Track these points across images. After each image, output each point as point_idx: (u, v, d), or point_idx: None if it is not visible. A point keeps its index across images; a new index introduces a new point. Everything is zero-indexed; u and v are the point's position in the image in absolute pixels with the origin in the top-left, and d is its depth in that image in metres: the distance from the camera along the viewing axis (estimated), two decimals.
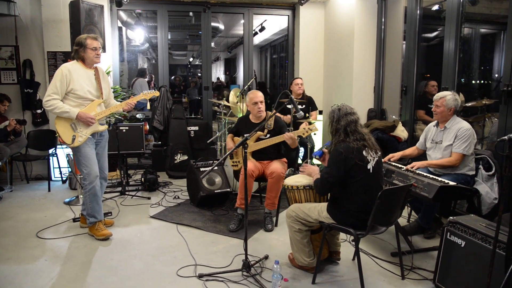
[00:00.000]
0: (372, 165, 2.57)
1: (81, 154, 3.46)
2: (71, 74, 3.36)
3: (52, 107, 3.31)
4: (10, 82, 5.57)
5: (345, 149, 2.53)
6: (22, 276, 2.85)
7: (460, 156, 3.28)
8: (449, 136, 3.37)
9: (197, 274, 2.85)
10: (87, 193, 3.49)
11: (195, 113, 11.16)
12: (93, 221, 3.54)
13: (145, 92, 3.82)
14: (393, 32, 5.57)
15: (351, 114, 2.63)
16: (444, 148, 3.39)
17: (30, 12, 5.50)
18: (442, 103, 3.39)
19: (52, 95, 3.31)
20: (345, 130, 2.60)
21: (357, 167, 2.52)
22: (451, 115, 3.42)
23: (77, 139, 3.42)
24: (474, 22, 6.83)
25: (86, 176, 3.46)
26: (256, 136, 3.81)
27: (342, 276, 2.90)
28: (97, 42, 3.47)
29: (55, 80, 3.33)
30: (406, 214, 3.95)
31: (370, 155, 2.57)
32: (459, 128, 3.33)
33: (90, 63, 3.50)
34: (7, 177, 5.19)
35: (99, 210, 3.57)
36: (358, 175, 2.53)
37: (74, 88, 3.37)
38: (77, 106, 3.42)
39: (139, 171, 5.93)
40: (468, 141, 3.27)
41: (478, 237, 2.41)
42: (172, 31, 10.93)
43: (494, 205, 3.28)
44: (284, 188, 3.06)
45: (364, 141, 2.58)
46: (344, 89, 5.86)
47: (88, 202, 3.51)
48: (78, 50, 3.44)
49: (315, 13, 6.52)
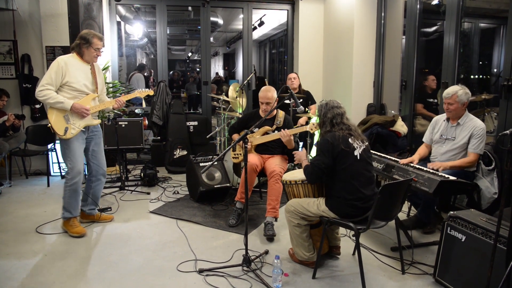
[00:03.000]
0: (359, 152, 2.66)
1: (68, 147, 3.41)
2: (68, 66, 3.32)
3: (46, 97, 3.25)
4: (8, 77, 5.53)
5: (331, 137, 2.67)
6: (22, 272, 2.84)
7: (478, 156, 3.28)
8: (463, 134, 3.33)
9: (198, 269, 2.85)
10: (68, 187, 3.45)
11: (194, 108, 11.14)
12: (68, 216, 3.50)
13: (140, 90, 3.81)
14: (393, 27, 5.55)
15: (337, 107, 2.78)
16: (459, 147, 3.34)
17: (28, 6, 5.45)
18: (455, 100, 3.32)
19: (46, 85, 3.26)
20: (331, 121, 2.75)
21: (344, 153, 2.62)
22: (464, 110, 3.37)
23: (69, 131, 3.37)
24: (473, 17, 6.82)
25: (69, 171, 3.42)
26: (263, 130, 3.82)
27: (343, 270, 2.91)
28: (101, 44, 3.46)
29: (50, 71, 3.28)
30: (405, 209, 3.96)
31: (356, 143, 2.69)
32: (474, 127, 3.28)
33: (88, 59, 3.47)
34: (6, 172, 5.17)
35: (76, 206, 3.52)
36: (346, 161, 2.63)
37: (69, 81, 3.34)
38: (72, 98, 3.37)
39: (138, 166, 5.92)
40: (484, 141, 3.26)
41: (478, 231, 2.41)
42: (171, 26, 10.88)
43: (494, 200, 3.29)
44: (283, 183, 3.06)
45: (349, 131, 2.71)
46: (344, 84, 5.85)
47: (67, 196, 3.47)
48: (81, 45, 3.40)
49: (315, 8, 6.49)
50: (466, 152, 3.34)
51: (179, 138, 5.87)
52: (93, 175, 3.69)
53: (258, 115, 4.00)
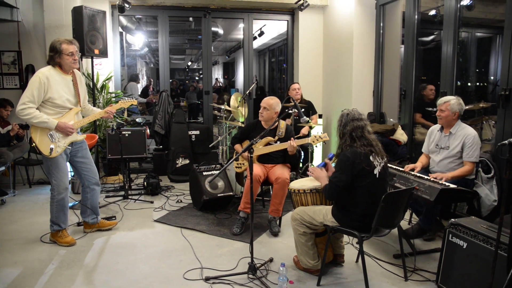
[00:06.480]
0: (378, 170, 2.62)
1: (52, 163, 3.35)
2: (49, 81, 3.20)
3: (29, 116, 3.14)
4: (12, 87, 5.61)
5: (353, 154, 2.58)
6: (29, 280, 2.87)
7: (474, 164, 3.34)
8: (456, 142, 3.40)
9: (204, 277, 2.89)
10: (55, 203, 3.42)
11: (194, 117, 11.21)
12: (57, 228, 3.50)
13: (123, 101, 3.76)
14: (391, 37, 5.65)
15: (358, 120, 2.68)
16: (453, 155, 3.41)
17: (33, 18, 5.55)
18: (446, 108, 3.41)
19: (28, 103, 3.14)
20: (350, 135, 2.66)
21: (364, 172, 2.57)
22: (456, 120, 3.44)
23: (54, 150, 3.30)
24: (470, 26, 6.95)
25: (55, 187, 3.38)
26: (266, 141, 3.89)
27: (346, 278, 2.95)
28: (73, 47, 3.30)
29: (31, 88, 3.14)
30: (407, 216, 4.01)
31: (377, 160, 2.63)
32: (466, 135, 3.35)
33: (67, 69, 3.34)
34: (10, 182, 5.21)
35: (65, 219, 3.51)
36: (365, 180, 2.58)
37: (52, 97, 3.23)
38: (55, 115, 3.30)
39: (141, 175, 5.97)
40: (478, 148, 3.32)
41: (479, 238, 2.46)
42: (172, 36, 10.98)
43: (494, 207, 3.35)
44: (290, 191, 3.10)
45: (371, 147, 2.63)
46: (344, 93, 5.93)
47: (55, 211, 3.45)
48: (54, 56, 3.27)
49: (314, 18, 6.59)
50: (461, 160, 3.40)
51: (181, 147, 5.93)
52: (86, 185, 3.67)
53: (259, 125, 4.07)
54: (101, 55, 5.12)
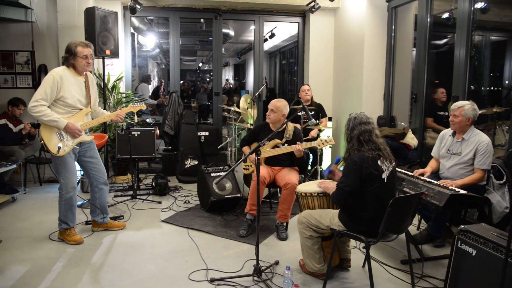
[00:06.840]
0: (386, 174, 2.59)
1: (60, 162, 3.39)
2: (63, 81, 3.26)
3: (40, 113, 3.19)
4: (25, 86, 5.70)
5: (360, 158, 2.55)
6: (37, 278, 2.90)
7: (485, 172, 3.28)
8: (468, 149, 3.34)
9: (209, 279, 2.89)
10: (63, 201, 3.46)
11: (204, 118, 11.25)
12: (65, 227, 3.53)
13: (132, 105, 3.81)
14: (403, 40, 5.60)
15: (365, 123, 2.65)
16: (465, 162, 3.35)
17: (47, 19, 5.64)
18: (460, 113, 3.34)
19: (41, 101, 3.19)
20: (358, 139, 2.63)
21: (372, 176, 2.54)
22: (469, 126, 3.37)
23: (62, 148, 3.34)
24: (484, 30, 6.85)
25: (63, 186, 3.43)
26: (273, 143, 3.87)
27: (353, 283, 2.92)
28: (88, 50, 3.36)
29: (45, 86, 3.20)
30: (415, 222, 3.96)
31: (385, 164, 2.60)
32: (479, 142, 3.28)
33: (81, 70, 3.41)
34: (21, 180, 5.28)
35: (73, 218, 3.54)
36: (373, 184, 2.55)
37: (64, 96, 3.29)
38: (65, 114, 3.35)
39: (150, 175, 6.00)
40: (490, 156, 3.25)
41: (489, 246, 2.41)
42: (183, 37, 11.06)
43: (505, 214, 3.28)
44: (297, 195, 3.08)
45: (379, 151, 2.60)
46: (354, 96, 5.88)
47: (63, 210, 3.49)
48: (68, 58, 3.34)
49: (325, 21, 6.57)
50: (472, 167, 3.33)
51: (190, 148, 5.95)
52: (94, 185, 3.70)
53: (268, 127, 4.06)
54: (112, 55, 5.17)
